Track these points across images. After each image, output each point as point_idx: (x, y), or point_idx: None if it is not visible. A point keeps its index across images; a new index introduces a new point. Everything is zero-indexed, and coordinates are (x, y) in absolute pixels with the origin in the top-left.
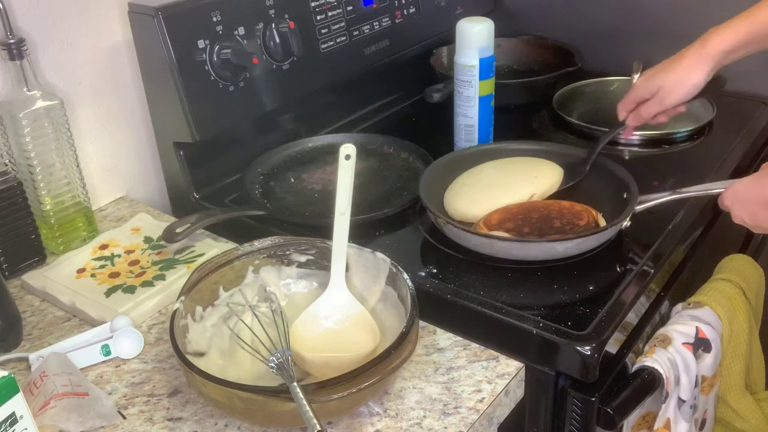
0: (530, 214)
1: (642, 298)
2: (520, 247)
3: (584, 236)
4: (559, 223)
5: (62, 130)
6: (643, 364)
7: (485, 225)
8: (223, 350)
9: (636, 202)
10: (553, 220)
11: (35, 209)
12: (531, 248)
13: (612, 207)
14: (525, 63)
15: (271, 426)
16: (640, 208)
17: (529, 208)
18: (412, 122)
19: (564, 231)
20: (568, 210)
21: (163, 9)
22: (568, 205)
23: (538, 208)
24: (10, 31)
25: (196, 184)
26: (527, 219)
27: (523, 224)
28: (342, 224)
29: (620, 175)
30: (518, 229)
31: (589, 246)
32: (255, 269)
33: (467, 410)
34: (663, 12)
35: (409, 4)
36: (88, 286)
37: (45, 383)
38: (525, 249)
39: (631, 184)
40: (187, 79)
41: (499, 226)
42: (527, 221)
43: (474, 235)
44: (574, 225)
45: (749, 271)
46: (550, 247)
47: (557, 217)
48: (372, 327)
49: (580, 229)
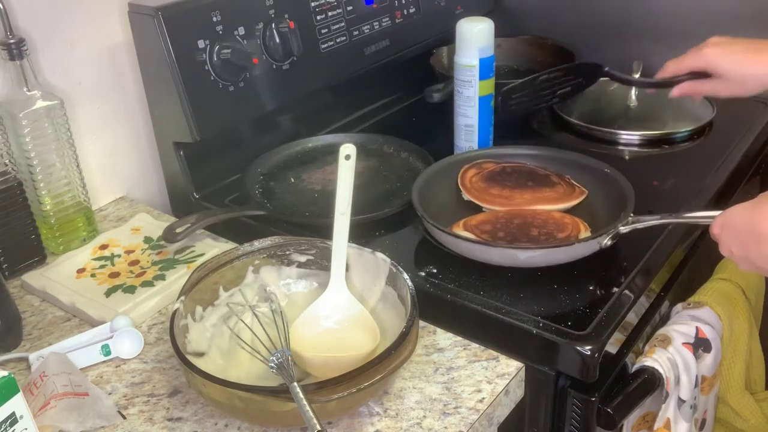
0: (513, 220)
1: (642, 298)
2: (481, 249)
3: (548, 248)
4: (536, 232)
5: (62, 130)
6: (643, 364)
7: (464, 225)
8: (223, 350)
9: (622, 222)
10: (531, 228)
11: (35, 209)
12: (492, 252)
13: (609, 222)
14: (525, 63)
15: (271, 426)
16: (625, 230)
17: (516, 214)
18: (412, 122)
19: (537, 240)
20: (554, 221)
21: (163, 9)
22: (558, 216)
23: (524, 215)
24: (10, 31)
25: (196, 184)
26: (508, 224)
27: (501, 229)
28: (342, 224)
29: (624, 191)
30: (493, 233)
31: (557, 259)
32: (255, 269)
33: (467, 410)
34: (663, 12)
35: (409, 4)
36: (88, 286)
37: (45, 383)
38: (487, 252)
39: (628, 204)
40: (187, 79)
41: (476, 227)
42: (506, 226)
43: (443, 233)
44: (551, 236)
45: (749, 271)
46: (511, 254)
47: (538, 227)
48: (372, 327)
49: (556, 240)
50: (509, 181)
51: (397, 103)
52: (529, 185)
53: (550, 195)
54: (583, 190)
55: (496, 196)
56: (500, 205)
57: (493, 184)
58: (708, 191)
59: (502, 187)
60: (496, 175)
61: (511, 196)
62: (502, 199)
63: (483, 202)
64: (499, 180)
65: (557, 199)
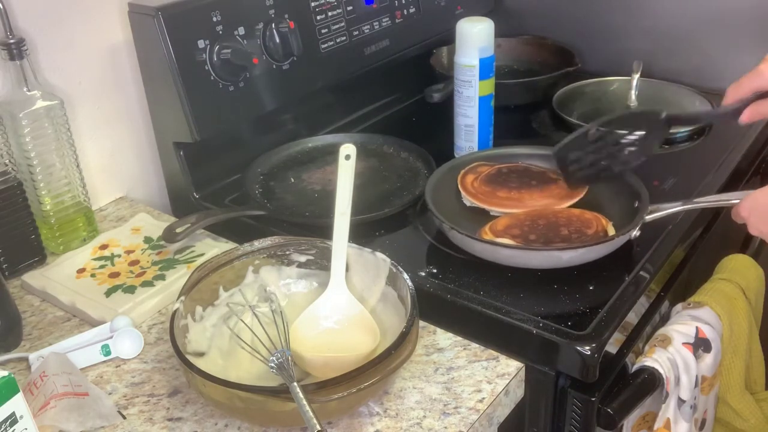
0: (537, 221)
1: (642, 298)
2: (523, 254)
3: (590, 245)
4: (566, 231)
5: (62, 130)
6: (643, 364)
7: (491, 230)
8: (223, 350)
9: (646, 211)
10: (560, 227)
11: (35, 209)
12: (534, 256)
13: (622, 215)
14: (525, 63)
15: (271, 426)
16: (650, 218)
17: (537, 215)
18: (412, 122)
19: (570, 239)
20: (577, 218)
21: (163, 9)
22: (578, 213)
23: (546, 215)
24: (10, 31)
25: (196, 184)
26: (534, 226)
27: (530, 231)
28: (342, 224)
29: (631, 182)
30: (524, 236)
31: (594, 256)
32: (255, 269)
33: (467, 410)
34: (663, 12)
35: (409, 4)
36: (88, 286)
37: (45, 383)
38: (528, 257)
39: (642, 193)
40: (187, 79)
41: (505, 232)
42: (534, 228)
43: (478, 241)
44: (582, 233)
45: (749, 271)
46: (555, 256)
47: (565, 225)
48: (372, 327)
49: (588, 237)
50: (512, 181)
51: (397, 103)
52: (533, 184)
53: (558, 192)
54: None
55: (505, 199)
56: (511, 207)
57: (497, 186)
58: (708, 191)
59: (509, 189)
60: (496, 177)
61: (521, 197)
62: (512, 201)
63: (492, 205)
64: (501, 182)
65: (566, 196)
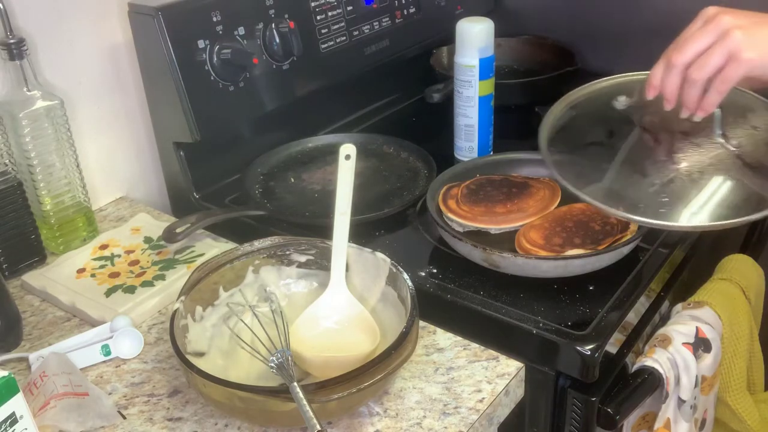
0: (564, 224)
1: (642, 298)
2: (592, 260)
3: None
4: (597, 226)
5: (62, 130)
6: (643, 364)
7: (528, 242)
8: (223, 350)
9: None
10: (590, 223)
11: (35, 209)
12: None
13: None
14: (525, 63)
15: (271, 426)
16: None
17: (560, 217)
18: (412, 122)
19: (603, 233)
20: (590, 210)
21: (163, 9)
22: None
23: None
24: (10, 31)
25: (196, 184)
26: (566, 228)
27: (571, 235)
28: (342, 224)
29: None
30: (569, 241)
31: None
32: (255, 269)
33: (467, 410)
34: (663, 12)
35: (409, 4)
36: (88, 286)
37: (45, 383)
38: (599, 261)
39: None
40: (187, 79)
41: (546, 242)
42: (567, 230)
43: (543, 260)
44: (608, 223)
45: (749, 271)
46: (619, 252)
47: (590, 220)
48: (372, 327)
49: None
50: (498, 194)
51: (397, 103)
52: (515, 192)
53: (543, 193)
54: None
55: (506, 213)
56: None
57: (488, 203)
58: None
59: (503, 203)
60: (475, 194)
61: (521, 207)
62: (515, 213)
63: (496, 224)
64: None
65: (552, 194)
